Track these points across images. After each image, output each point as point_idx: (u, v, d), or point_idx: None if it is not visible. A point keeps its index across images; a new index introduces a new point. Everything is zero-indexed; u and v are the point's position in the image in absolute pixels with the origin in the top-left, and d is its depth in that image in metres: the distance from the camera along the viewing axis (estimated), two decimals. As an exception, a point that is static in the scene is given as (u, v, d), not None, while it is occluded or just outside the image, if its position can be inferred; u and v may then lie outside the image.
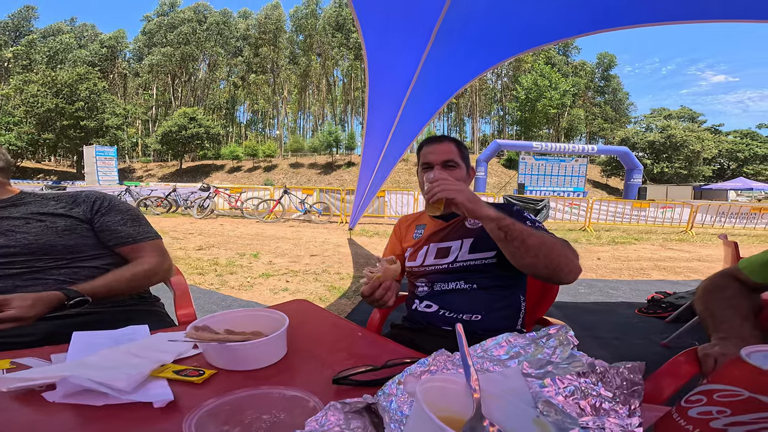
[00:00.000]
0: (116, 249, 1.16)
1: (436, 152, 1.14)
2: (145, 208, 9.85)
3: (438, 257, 1.13)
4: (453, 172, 1.13)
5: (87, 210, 1.13)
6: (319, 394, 0.52)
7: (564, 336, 0.53)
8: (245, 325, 0.76)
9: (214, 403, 0.51)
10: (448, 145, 1.16)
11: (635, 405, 0.42)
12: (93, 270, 1.10)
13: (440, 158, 1.13)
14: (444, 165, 1.13)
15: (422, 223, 1.26)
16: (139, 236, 1.18)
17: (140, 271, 1.11)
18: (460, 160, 1.15)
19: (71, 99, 33.75)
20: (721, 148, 39.41)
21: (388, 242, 1.36)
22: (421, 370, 0.54)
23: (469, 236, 1.11)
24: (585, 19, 2.42)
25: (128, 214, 1.19)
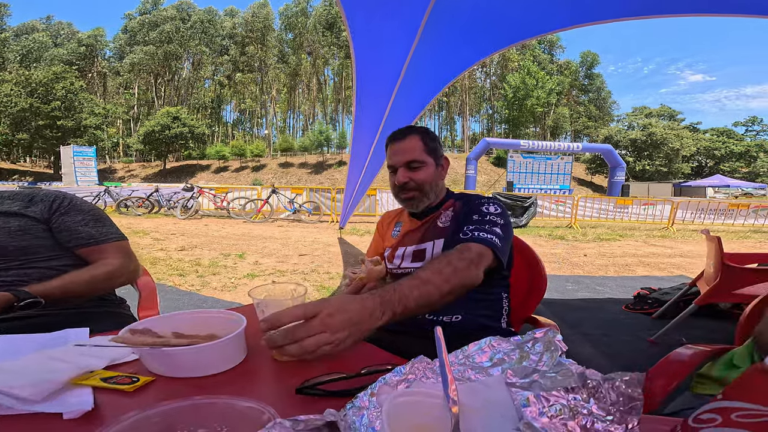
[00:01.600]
0: (76, 250, 1.09)
1: (399, 152, 1.10)
2: (125, 209, 9.56)
3: (414, 260, 1.10)
4: (419, 172, 1.09)
5: (44, 209, 1.07)
6: (277, 406, 0.44)
7: (551, 341, 0.49)
8: (198, 327, 0.69)
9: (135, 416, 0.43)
10: (411, 142, 1.09)
11: (633, 424, 0.36)
12: (47, 271, 1.03)
13: (403, 159, 1.09)
14: (408, 167, 1.09)
15: (400, 221, 1.24)
16: (102, 237, 1.10)
17: (100, 273, 1.05)
18: (426, 155, 1.09)
19: (47, 98, 32.74)
20: (699, 145, 40.77)
21: (372, 240, 1.34)
22: (397, 379, 0.49)
23: (440, 236, 1.06)
24: (568, 13, 2.44)
25: (90, 214, 1.12)
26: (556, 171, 20.20)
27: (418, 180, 1.09)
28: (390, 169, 1.14)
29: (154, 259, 4.50)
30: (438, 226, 1.10)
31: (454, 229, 1.05)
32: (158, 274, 3.84)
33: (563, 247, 6.21)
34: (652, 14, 2.33)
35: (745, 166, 42.13)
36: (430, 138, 1.12)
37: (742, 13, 2.15)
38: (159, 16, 51.19)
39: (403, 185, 1.09)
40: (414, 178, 1.09)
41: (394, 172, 1.11)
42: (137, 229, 6.91)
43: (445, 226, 1.09)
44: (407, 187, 1.09)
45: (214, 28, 53.52)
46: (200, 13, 53.22)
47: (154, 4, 53.34)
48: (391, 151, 1.12)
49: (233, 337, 0.62)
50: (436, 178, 1.12)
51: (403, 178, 1.08)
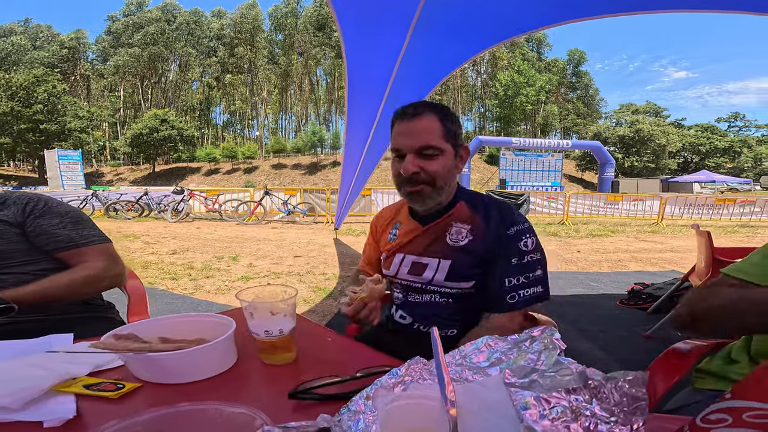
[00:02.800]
0: (56, 254, 1.04)
1: (409, 134, 0.86)
2: (115, 213, 9.38)
3: (412, 272, 0.97)
4: (433, 161, 0.86)
5: (18, 213, 1.02)
6: (270, 411, 0.43)
7: (549, 339, 0.48)
8: (186, 331, 0.68)
9: (119, 424, 0.41)
10: (427, 122, 0.86)
11: (638, 424, 0.35)
12: (24, 276, 0.99)
13: (415, 144, 0.85)
14: (420, 154, 0.86)
15: (398, 221, 1.06)
16: (82, 240, 1.06)
17: (80, 278, 1.01)
18: (444, 141, 0.87)
19: (28, 102, 32.03)
20: (685, 141, 41.64)
21: (366, 243, 1.17)
22: (393, 381, 0.48)
23: (447, 257, 0.91)
24: (555, 9, 2.47)
25: (68, 216, 1.07)
26: (547, 168, 20.41)
27: (431, 171, 0.86)
28: (395, 153, 0.90)
29: (146, 263, 4.42)
30: (447, 242, 0.92)
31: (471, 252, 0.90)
32: (150, 277, 3.77)
33: (556, 243, 6.28)
34: (637, 11, 2.37)
35: (730, 162, 43.19)
36: (450, 119, 0.89)
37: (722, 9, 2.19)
38: (143, 18, 50.30)
39: (411, 177, 0.86)
40: (426, 168, 0.86)
41: (401, 157, 0.88)
42: (127, 233, 6.78)
43: (456, 245, 0.91)
44: (416, 179, 0.87)
45: (201, 30, 52.80)
46: (186, 15, 52.44)
47: (138, 5, 52.41)
48: (399, 131, 0.88)
49: (222, 341, 0.61)
50: (452, 171, 0.90)
51: (413, 167, 0.85)
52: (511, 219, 0.90)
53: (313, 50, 51.05)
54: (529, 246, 0.88)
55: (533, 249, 0.88)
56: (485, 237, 0.90)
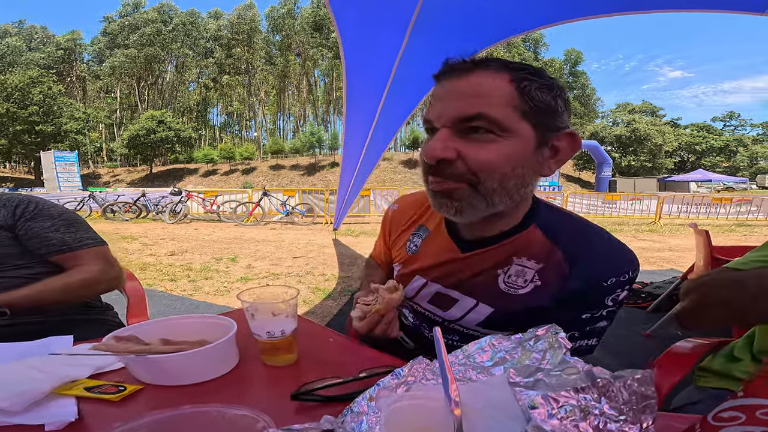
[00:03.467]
0: (50, 258, 1.02)
1: (449, 96, 0.55)
2: (112, 214, 9.35)
3: (434, 303, 0.72)
4: (482, 146, 0.53)
5: (7, 215, 0.99)
6: (272, 413, 0.43)
7: (554, 338, 0.47)
8: (187, 333, 0.67)
9: (121, 427, 0.41)
10: (483, 80, 0.53)
11: (648, 423, 0.35)
12: (17, 280, 0.98)
13: (452, 112, 0.53)
14: (460, 127, 0.54)
15: (425, 226, 0.75)
16: (76, 243, 1.03)
17: (75, 281, 0.99)
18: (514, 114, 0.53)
19: (23, 103, 31.94)
20: (681, 141, 41.88)
21: (376, 242, 0.94)
22: (396, 382, 0.48)
23: (491, 304, 0.65)
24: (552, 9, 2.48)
25: (60, 219, 1.04)
26: (544, 168, 20.48)
27: (476, 163, 0.53)
28: (427, 125, 0.58)
29: (144, 265, 4.40)
30: (498, 285, 0.63)
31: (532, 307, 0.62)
32: (149, 279, 3.75)
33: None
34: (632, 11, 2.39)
35: (726, 161, 43.46)
36: (537, 83, 0.54)
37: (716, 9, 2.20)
38: (139, 19, 50.15)
39: (437, 165, 0.55)
40: (467, 155, 0.53)
41: (432, 131, 0.57)
42: (125, 235, 6.75)
43: (512, 292, 0.63)
44: (447, 171, 0.55)
45: (197, 31, 52.69)
46: (182, 16, 52.29)
47: (134, 6, 52.24)
48: (437, 93, 0.57)
49: (223, 343, 0.60)
50: (523, 170, 0.55)
51: (443, 150, 0.53)
52: (619, 266, 0.59)
53: (310, 51, 51.03)
54: (618, 300, 0.61)
55: (615, 304, 0.62)
56: (563, 286, 0.60)
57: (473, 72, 0.54)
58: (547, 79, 0.56)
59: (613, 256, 0.60)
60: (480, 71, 0.54)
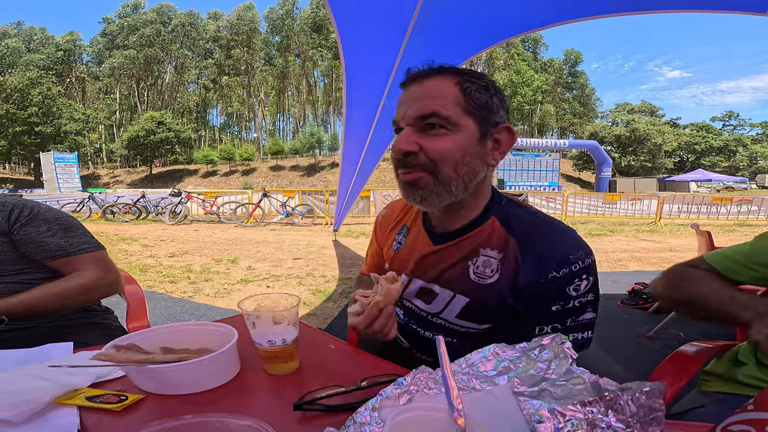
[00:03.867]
0: (46, 263, 1.01)
1: (410, 99, 0.64)
2: (112, 216, 9.34)
3: (419, 297, 0.79)
4: (437, 139, 0.62)
5: (2, 220, 0.97)
6: (275, 423, 0.42)
7: (559, 348, 0.47)
8: (188, 341, 0.67)
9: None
10: (437, 83, 0.63)
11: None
12: (16, 285, 0.97)
13: (414, 112, 0.63)
14: (420, 125, 0.63)
15: (406, 224, 0.84)
16: (72, 248, 1.02)
17: (73, 287, 0.98)
18: (460, 113, 0.62)
19: (23, 104, 32.01)
20: (680, 141, 41.91)
21: (369, 245, 0.99)
22: (398, 391, 0.47)
23: (465, 294, 0.70)
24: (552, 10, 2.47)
25: (57, 223, 1.03)
26: (544, 168, 20.48)
27: (434, 153, 0.62)
28: (394, 127, 0.69)
29: (144, 266, 4.39)
30: (469, 276, 0.69)
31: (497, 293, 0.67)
32: (149, 281, 3.74)
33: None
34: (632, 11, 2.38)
35: (725, 161, 43.50)
36: (480, 85, 0.64)
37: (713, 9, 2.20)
38: (139, 20, 50.17)
39: (406, 157, 0.64)
40: (427, 147, 0.63)
41: (399, 132, 0.67)
42: (125, 236, 6.74)
43: (481, 282, 0.68)
44: (412, 161, 0.64)
45: (197, 32, 52.72)
46: (181, 17, 52.32)
47: (134, 7, 52.27)
48: (401, 99, 0.67)
49: (225, 352, 0.60)
50: (472, 159, 0.64)
51: (407, 144, 0.62)
52: (565, 256, 0.63)
53: (310, 52, 51.06)
54: (582, 289, 0.64)
55: (586, 291, 0.65)
56: (519, 275, 0.66)
57: (428, 78, 0.64)
58: (485, 81, 0.66)
59: (560, 246, 0.65)
60: (433, 77, 0.64)
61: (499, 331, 0.72)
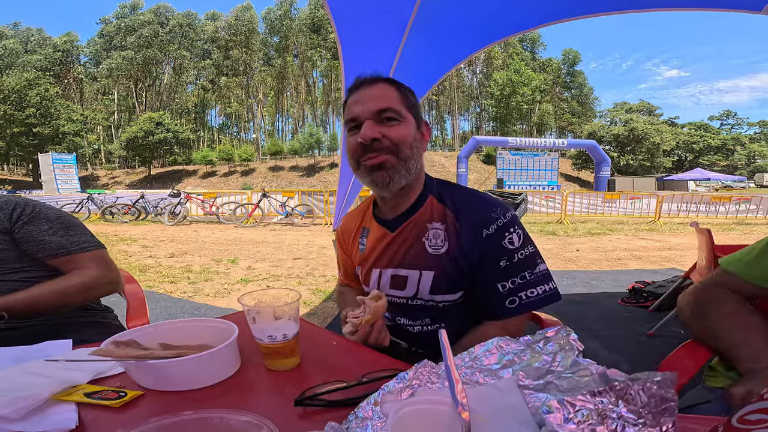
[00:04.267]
0: (47, 261, 1.01)
1: (365, 99, 0.77)
2: (111, 216, 9.32)
3: (394, 286, 0.85)
4: (393, 127, 0.76)
5: (4, 219, 0.98)
6: (276, 419, 0.42)
7: (565, 340, 0.46)
8: (188, 337, 0.66)
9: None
10: (383, 89, 0.78)
11: (668, 426, 0.34)
12: (16, 284, 0.97)
13: (372, 107, 0.76)
14: (378, 118, 0.76)
15: (366, 226, 0.92)
16: (73, 246, 1.03)
17: (74, 285, 0.98)
18: (404, 108, 0.78)
19: (21, 105, 31.99)
20: (678, 140, 42.01)
21: (338, 258, 1.06)
22: (400, 386, 0.47)
23: (429, 268, 0.80)
24: (550, 8, 2.47)
25: (58, 222, 1.03)
26: (543, 167, 20.49)
27: (394, 138, 0.76)
28: (349, 125, 0.80)
29: (144, 267, 4.38)
30: (426, 250, 0.80)
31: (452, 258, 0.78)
32: (148, 281, 3.73)
33: (555, 242, 6.29)
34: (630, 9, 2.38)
35: (723, 160, 43.61)
36: (408, 92, 0.82)
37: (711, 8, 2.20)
38: (136, 21, 50.07)
39: (371, 144, 0.75)
40: (388, 134, 0.76)
41: (357, 128, 0.78)
42: (124, 237, 6.72)
43: (437, 253, 0.79)
44: (377, 146, 0.76)
45: (195, 32, 52.65)
46: (179, 17, 52.23)
47: (132, 8, 52.17)
48: (354, 100, 0.79)
49: (225, 347, 0.59)
50: (416, 145, 0.80)
51: (371, 131, 0.75)
52: (487, 214, 0.77)
53: (308, 52, 51.05)
54: (516, 242, 0.76)
55: (522, 244, 0.76)
56: (460, 239, 0.78)
57: (377, 83, 0.80)
58: (408, 90, 0.82)
59: (482, 208, 0.79)
60: (379, 83, 0.80)
61: (472, 297, 0.81)
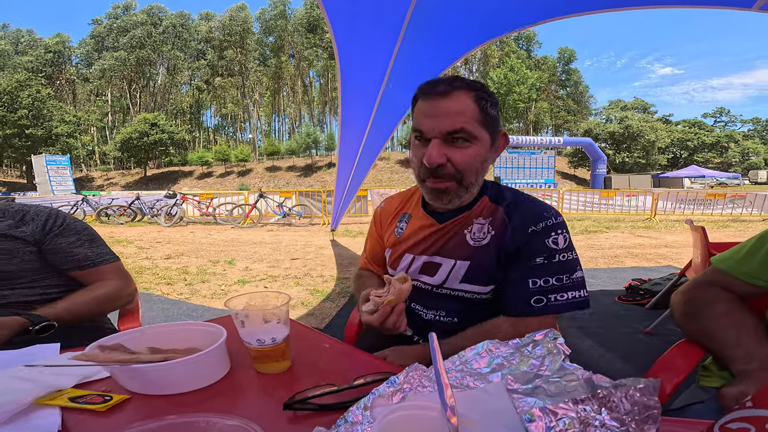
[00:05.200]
0: (71, 273, 1.02)
1: (438, 113, 0.72)
2: (107, 218, 9.25)
3: (423, 272, 0.87)
4: (465, 151, 0.73)
5: (36, 230, 0.99)
6: (264, 423, 0.42)
7: (552, 344, 0.47)
8: (176, 341, 0.66)
9: None
10: (461, 101, 0.72)
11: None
12: (35, 297, 0.98)
13: (444, 127, 0.72)
14: (449, 139, 0.73)
15: (407, 212, 0.93)
16: (98, 258, 1.05)
17: (101, 295, 1.01)
18: (479, 127, 0.73)
19: (12, 107, 31.71)
20: (673, 137, 42.29)
21: (368, 237, 1.06)
22: (391, 390, 0.47)
23: (466, 258, 0.81)
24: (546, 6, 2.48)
25: (85, 233, 1.06)
26: (540, 165, 20.58)
27: (460, 165, 0.74)
28: (417, 134, 0.76)
29: (140, 268, 4.35)
30: (467, 241, 0.81)
31: (493, 252, 0.79)
32: (145, 283, 3.71)
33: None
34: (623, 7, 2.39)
35: (718, 157, 43.95)
36: (490, 101, 0.75)
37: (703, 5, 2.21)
38: (129, 21, 49.66)
39: (437, 169, 0.73)
40: (454, 160, 0.73)
41: (424, 141, 0.75)
42: (120, 238, 6.68)
43: (477, 245, 0.80)
44: (441, 173, 0.74)
45: (188, 33, 52.30)
46: (172, 18, 51.82)
47: (125, 9, 51.73)
48: (424, 110, 0.74)
49: (213, 351, 0.59)
50: (485, 164, 0.78)
51: (438, 156, 0.72)
52: (539, 212, 0.78)
53: (305, 52, 50.88)
54: (560, 244, 0.75)
55: (566, 248, 0.76)
56: (507, 233, 0.78)
57: (451, 93, 0.73)
58: (493, 96, 0.77)
59: (536, 208, 0.80)
60: (456, 92, 0.73)
61: (500, 295, 0.82)
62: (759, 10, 1.94)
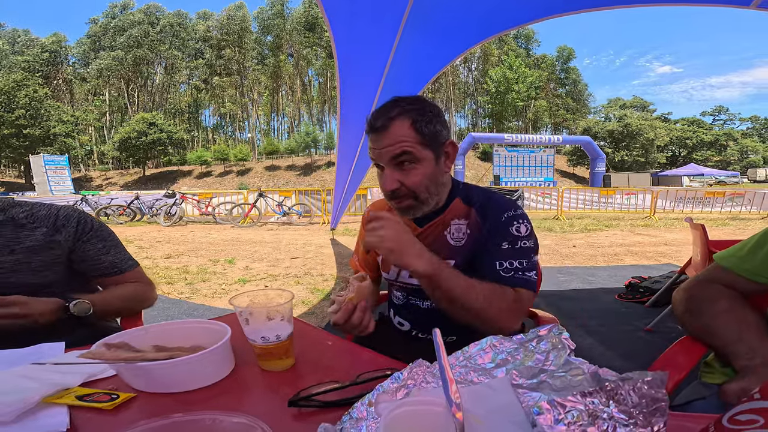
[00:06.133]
0: (97, 280, 1.02)
1: (381, 144, 0.81)
2: (106, 218, 9.23)
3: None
4: (411, 173, 0.81)
5: (69, 236, 0.96)
6: (270, 420, 0.42)
7: (557, 339, 0.46)
8: (181, 338, 0.66)
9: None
10: (398, 128, 0.79)
11: (659, 426, 0.34)
12: None
13: (388, 154, 0.80)
14: (396, 164, 0.81)
15: None
16: (124, 265, 1.06)
17: (133, 292, 1.02)
18: (421, 148, 0.80)
19: (9, 107, 31.67)
20: (672, 135, 42.33)
21: (357, 241, 1.12)
22: (395, 386, 0.46)
23: (452, 256, 0.88)
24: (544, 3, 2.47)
25: (110, 240, 1.05)
26: (539, 164, 20.57)
27: (411, 185, 0.82)
28: (373, 162, 0.87)
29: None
30: (448, 242, 0.89)
31: (472, 249, 0.87)
32: (144, 285, 3.70)
33: (552, 238, 6.32)
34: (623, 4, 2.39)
35: (716, 155, 44.02)
36: (425, 119, 0.80)
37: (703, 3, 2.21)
38: (126, 21, 49.43)
39: (393, 192, 0.83)
40: (405, 182, 0.82)
41: (381, 169, 0.85)
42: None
43: (458, 244, 0.88)
44: (398, 195, 0.84)
45: (186, 32, 52.09)
46: (169, 17, 51.59)
47: (122, 8, 51.48)
48: (372, 144, 0.84)
49: (218, 348, 0.59)
50: (436, 177, 0.85)
51: (391, 183, 0.81)
52: (504, 205, 0.88)
53: (303, 51, 50.74)
54: (523, 232, 0.85)
55: (527, 235, 0.85)
56: (482, 230, 0.87)
57: (390, 125, 0.80)
58: (428, 113, 0.82)
59: (501, 202, 0.90)
60: (392, 123, 0.80)
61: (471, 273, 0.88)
62: (757, 8, 1.94)
